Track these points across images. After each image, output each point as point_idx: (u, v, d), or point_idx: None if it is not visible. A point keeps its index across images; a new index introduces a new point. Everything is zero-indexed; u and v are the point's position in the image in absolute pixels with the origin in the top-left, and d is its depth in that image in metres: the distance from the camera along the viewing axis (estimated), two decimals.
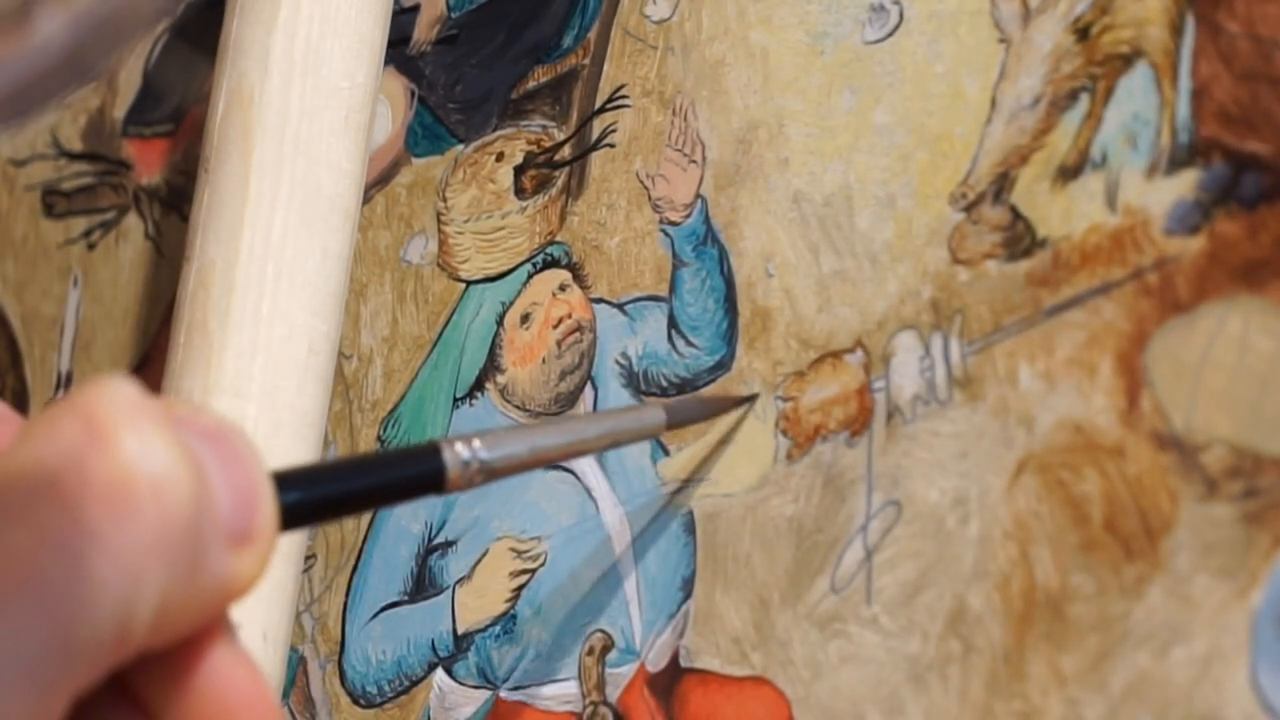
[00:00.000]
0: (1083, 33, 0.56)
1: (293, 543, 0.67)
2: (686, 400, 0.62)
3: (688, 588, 0.61)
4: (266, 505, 0.31)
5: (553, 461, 0.45)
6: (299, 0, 0.69)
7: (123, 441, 0.28)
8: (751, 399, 0.61)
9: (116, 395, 0.28)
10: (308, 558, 0.73)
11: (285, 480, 0.34)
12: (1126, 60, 0.55)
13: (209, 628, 0.30)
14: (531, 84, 0.72)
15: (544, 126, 0.71)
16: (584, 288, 0.68)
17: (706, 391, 0.63)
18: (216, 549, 0.29)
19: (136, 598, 0.28)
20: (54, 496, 0.27)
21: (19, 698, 0.26)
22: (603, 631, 0.63)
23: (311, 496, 0.35)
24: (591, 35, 0.71)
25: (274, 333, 0.67)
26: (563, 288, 0.69)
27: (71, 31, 0.28)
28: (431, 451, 0.39)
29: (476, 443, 0.40)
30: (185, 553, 0.28)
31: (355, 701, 0.71)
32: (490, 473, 0.40)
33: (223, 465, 0.30)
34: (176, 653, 0.30)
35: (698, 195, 0.65)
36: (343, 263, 0.69)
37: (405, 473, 0.38)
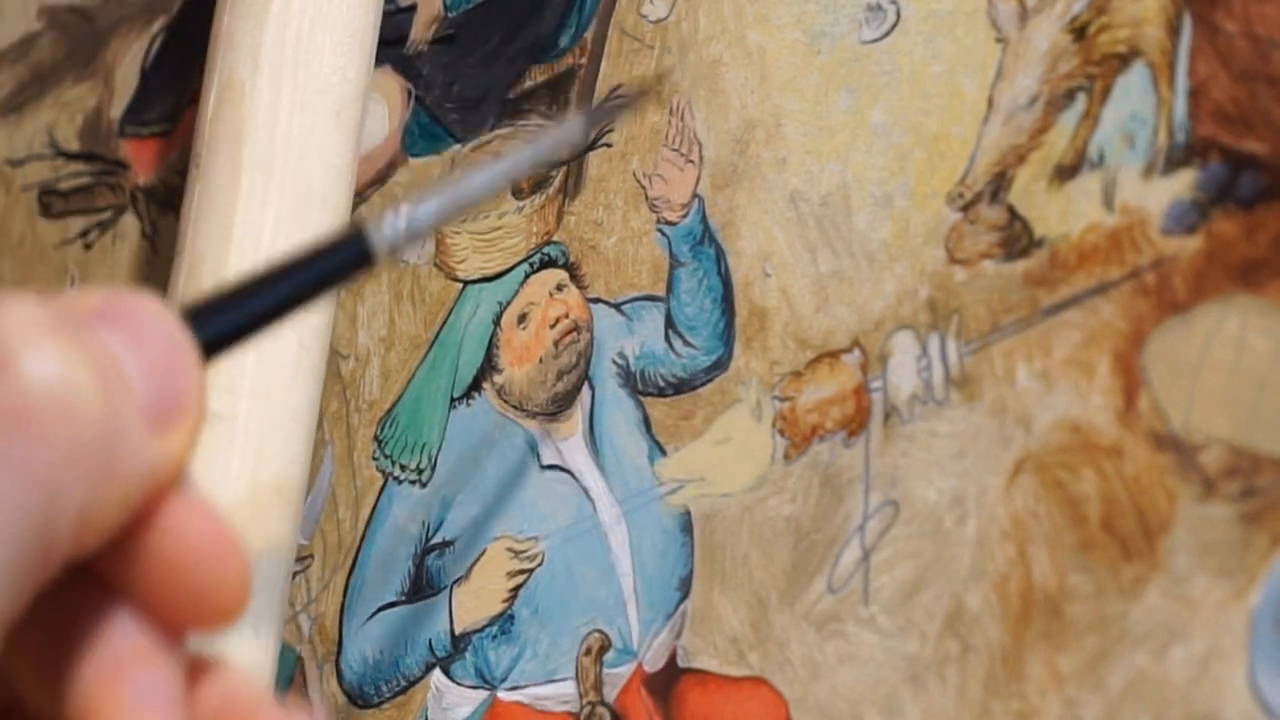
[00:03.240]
0: (1080, 32, 0.56)
1: (282, 532, 0.67)
2: (601, 102, 0.60)
3: (685, 588, 0.61)
4: (188, 371, 0.31)
5: (481, 202, 0.43)
6: None
7: (22, 364, 0.27)
8: (659, 79, 0.59)
9: (9, 315, 0.28)
10: (305, 557, 0.73)
11: (205, 310, 0.33)
12: (1124, 60, 0.55)
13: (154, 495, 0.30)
14: (529, 83, 0.72)
15: (541, 126, 0.71)
16: (581, 287, 0.68)
17: (705, 391, 0.63)
18: (136, 440, 0.29)
19: (54, 514, 0.27)
20: None
21: None
22: (600, 631, 0.63)
23: (235, 320, 0.34)
24: (588, 35, 0.71)
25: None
26: (560, 287, 0.69)
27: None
28: (355, 233, 0.37)
29: (404, 208, 0.38)
30: (100, 458, 0.28)
31: (353, 702, 0.71)
32: (416, 233, 0.39)
33: (134, 346, 0.30)
34: (125, 526, 0.30)
35: (695, 195, 0.65)
36: None
37: (332, 259, 0.36)
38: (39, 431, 0.27)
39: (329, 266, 0.36)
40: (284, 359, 0.67)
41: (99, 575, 0.30)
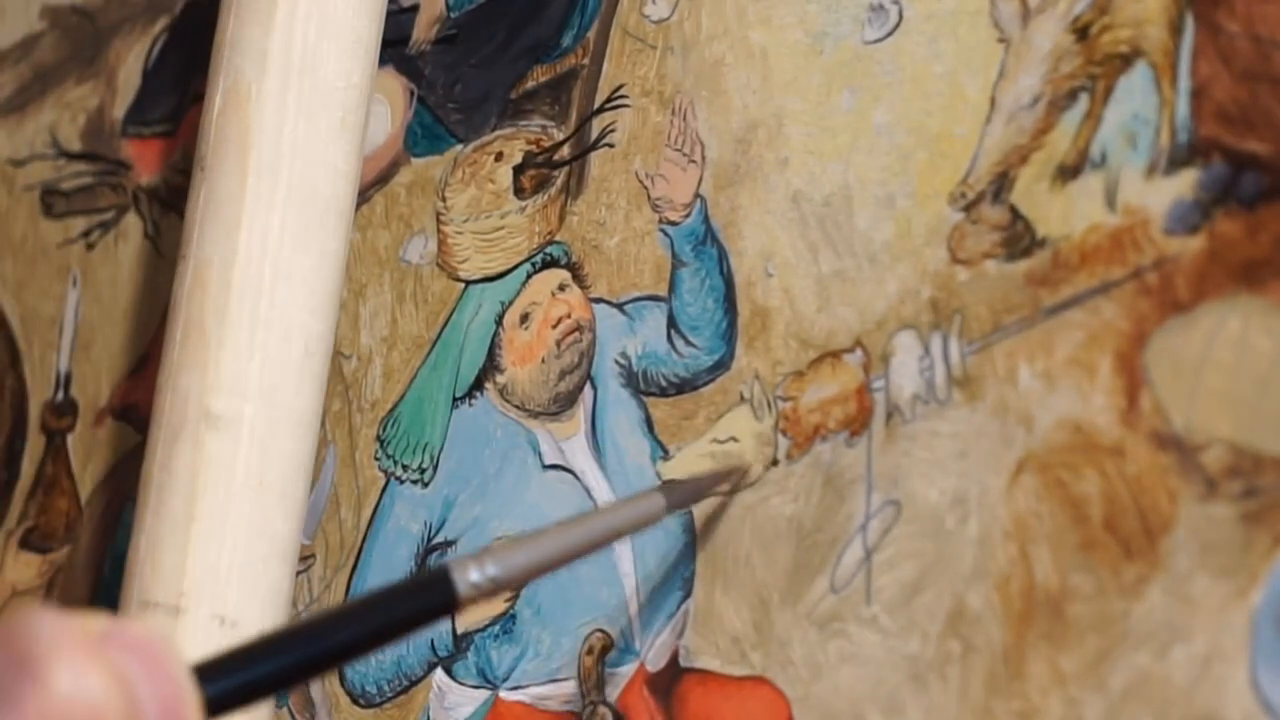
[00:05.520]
0: (1082, 32, 0.56)
1: (288, 541, 0.67)
2: (683, 483, 0.61)
3: (687, 587, 0.61)
4: (191, 711, 0.32)
5: (558, 567, 0.45)
6: (296, 0, 0.69)
7: (55, 675, 0.28)
8: (743, 470, 0.60)
9: (42, 627, 0.29)
10: (307, 557, 0.73)
11: (222, 666, 0.33)
12: (1126, 60, 0.55)
13: None
14: (531, 84, 0.72)
15: (543, 126, 0.71)
16: (583, 287, 0.68)
17: (707, 391, 0.63)
18: None
19: None
20: None
21: None
22: (602, 631, 0.63)
23: (237, 681, 0.34)
24: (591, 35, 0.71)
25: (270, 332, 0.67)
26: (562, 287, 0.69)
27: None
28: (441, 579, 0.38)
29: (489, 566, 0.39)
30: None
31: (355, 701, 0.71)
32: (498, 587, 0.40)
33: (149, 678, 0.31)
34: None
35: (697, 195, 0.65)
36: (339, 262, 0.69)
37: (411, 606, 0.37)
38: None
39: (411, 609, 0.37)
40: (288, 363, 0.67)
41: None
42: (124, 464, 0.84)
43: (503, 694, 0.66)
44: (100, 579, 0.83)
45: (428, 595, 0.37)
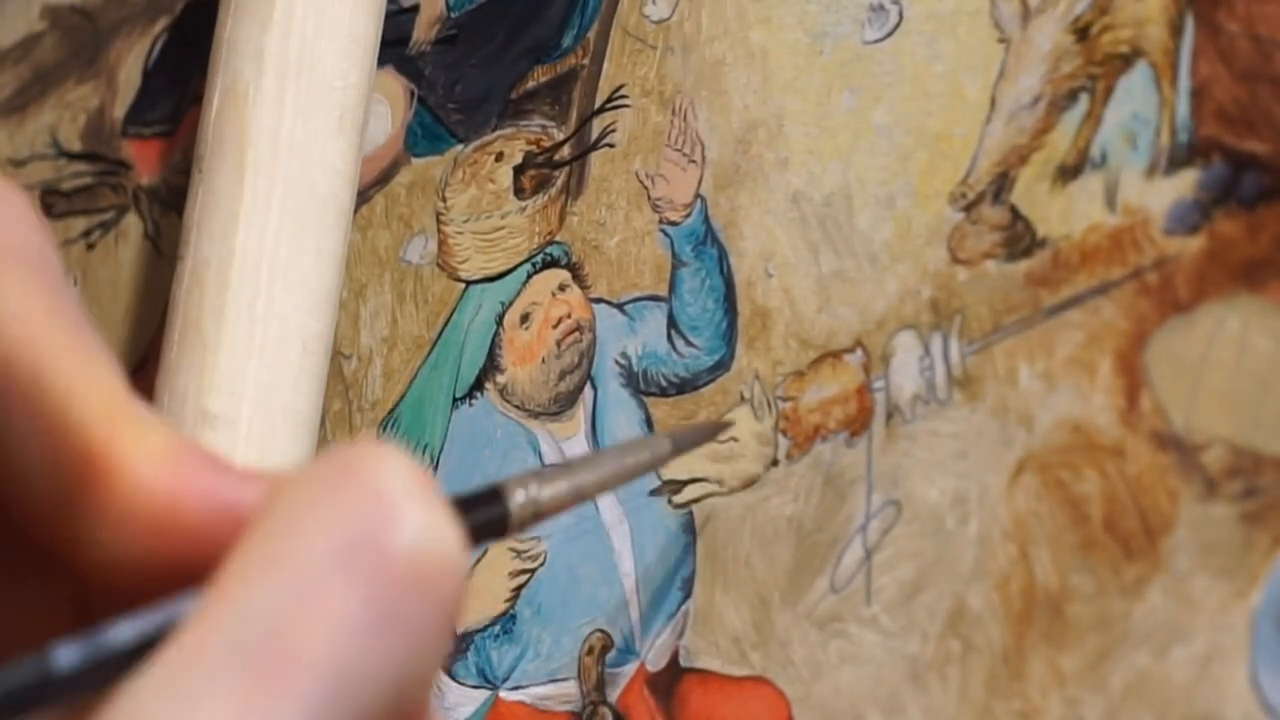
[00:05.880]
0: (1082, 32, 0.56)
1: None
2: (683, 430, 0.62)
3: (687, 587, 0.61)
4: (466, 551, 0.30)
5: (587, 498, 0.45)
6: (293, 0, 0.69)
7: (415, 520, 0.27)
8: (728, 423, 0.61)
9: (398, 467, 0.27)
10: None
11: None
12: (1126, 60, 0.55)
13: None
14: (531, 84, 0.72)
15: (543, 126, 0.71)
16: (583, 287, 0.68)
17: (707, 391, 0.63)
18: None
19: (418, 685, 0.26)
20: (351, 578, 0.26)
21: None
22: (602, 631, 0.63)
23: None
24: (591, 35, 0.71)
25: (268, 332, 0.67)
26: (562, 287, 0.69)
27: None
28: (493, 496, 0.38)
29: (533, 485, 0.39)
30: (455, 626, 0.27)
31: None
32: (539, 513, 0.39)
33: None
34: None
35: (697, 195, 0.65)
36: (337, 262, 0.69)
37: (467, 521, 0.37)
38: (429, 592, 0.26)
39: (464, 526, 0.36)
40: (286, 362, 0.67)
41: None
42: None
43: (503, 694, 0.66)
44: None
45: (480, 514, 0.36)
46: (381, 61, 0.73)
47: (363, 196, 0.75)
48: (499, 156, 0.73)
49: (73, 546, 0.27)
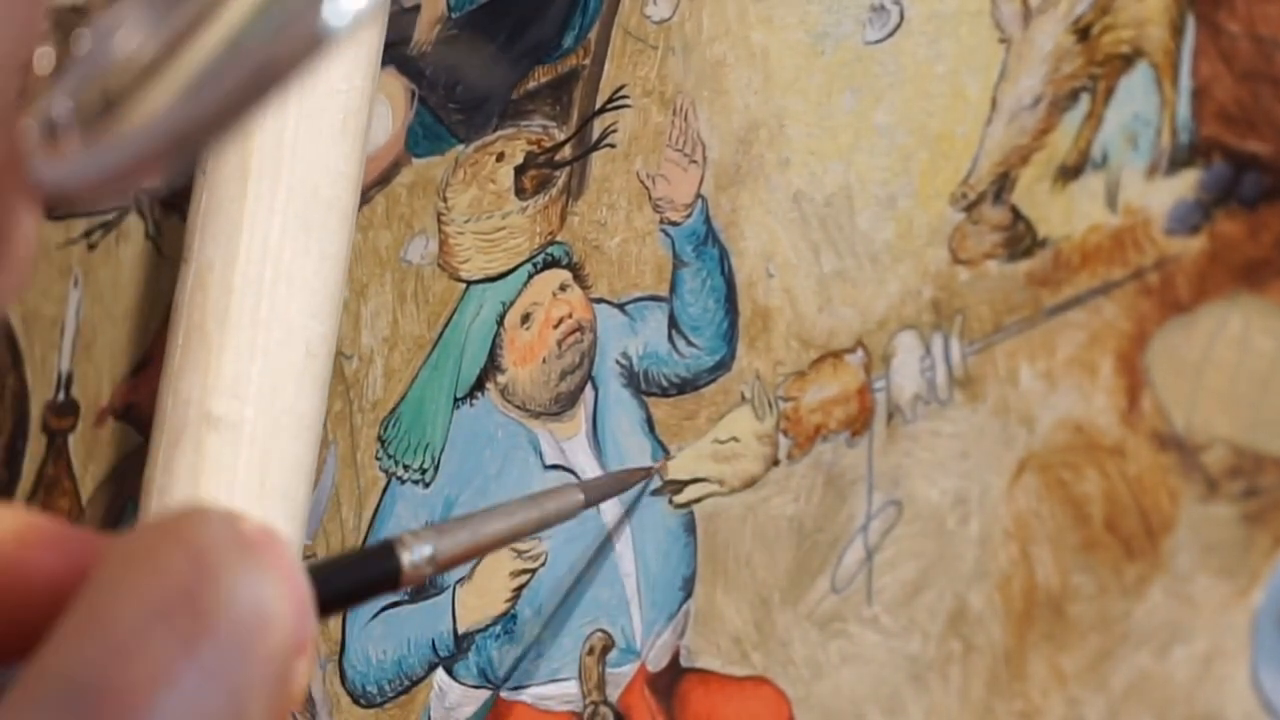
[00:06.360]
0: (1083, 33, 0.56)
1: (288, 536, 0.67)
2: (598, 480, 0.64)
3: (688, 587, 0.61)
4: (312, 608, 0.31)
5: (492, 549, 0.46)
6: None
7: (227, 580, 0.28)
8: (650, 469, 0.62)
9: (223, 528, 0.28)
10: (308, 558, 0.73)
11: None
12: (1127, 60, 0.55)
13: None
14: (532, 84, 0.73)
15: (544, 127, 0.71)
16: (584, 288, 0.68)
17: (708, 391, 0.63)
18: (296, 668, 0.29)
19: None
20: (167, 634, 0.27)
21: None
22: (603, 631, 0.63)
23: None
24: (592, 36, 0.71)
25: (272, 335, 0.67)
26: (563, 288, 0.69)
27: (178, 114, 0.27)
28: (386, 551, 0.39)
29: (431, 545, 0.40)
30: (280, 683, 0.28)
31: (356, 701, 0.71)
32: (440, 565, 0.41)
33: (286, 577, 0.30)
34: None
35: (698, 195, 0.65)
36: (340, 265, 0.69)
37: (359, 575, 0.38)
38: (247, 648, 0.27)
39: (356, 579, 0.37)
40: (289, 365, 0.67)
41: None
42: (126, 465, 0.84)
43: (504, 694, 0.66)
44: None
45: (372, 568, 0.38)
46: (383, 62, 0.73)
47: (364, 196, 0.75)
48: (500, 157, 0.73)
49: None
